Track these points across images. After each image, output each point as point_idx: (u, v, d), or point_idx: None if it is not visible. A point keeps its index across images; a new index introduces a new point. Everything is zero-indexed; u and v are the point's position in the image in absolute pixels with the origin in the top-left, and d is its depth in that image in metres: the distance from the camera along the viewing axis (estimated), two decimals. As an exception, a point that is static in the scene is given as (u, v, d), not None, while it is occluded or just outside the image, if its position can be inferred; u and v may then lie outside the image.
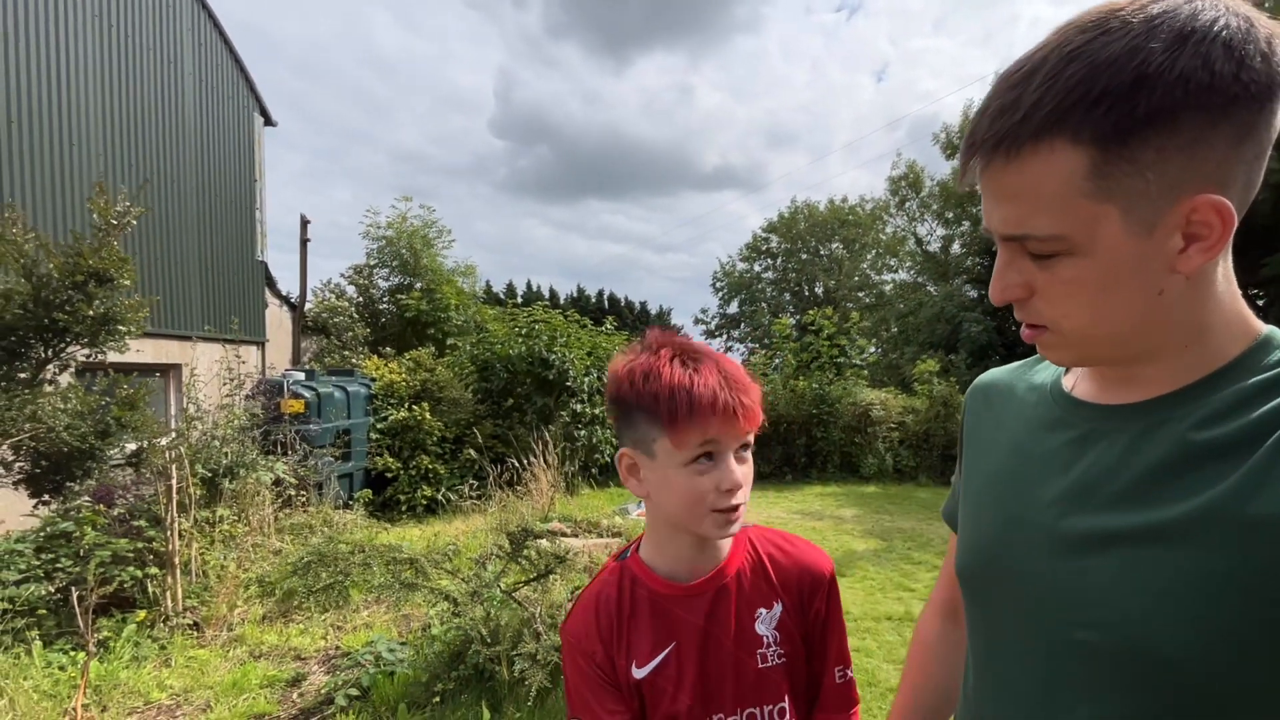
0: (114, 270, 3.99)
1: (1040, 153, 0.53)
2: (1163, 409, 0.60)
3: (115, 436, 4.38)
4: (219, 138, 11.02)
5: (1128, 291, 0.55)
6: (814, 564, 1.00)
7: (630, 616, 0.95)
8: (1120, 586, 0.56)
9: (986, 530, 0.72)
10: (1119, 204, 0.52)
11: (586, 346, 10.27)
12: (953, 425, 10.77)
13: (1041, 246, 0.56)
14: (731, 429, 0.87)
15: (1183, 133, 0.50)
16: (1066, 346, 0.62)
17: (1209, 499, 0.53)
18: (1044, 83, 0.52)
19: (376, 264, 15.23)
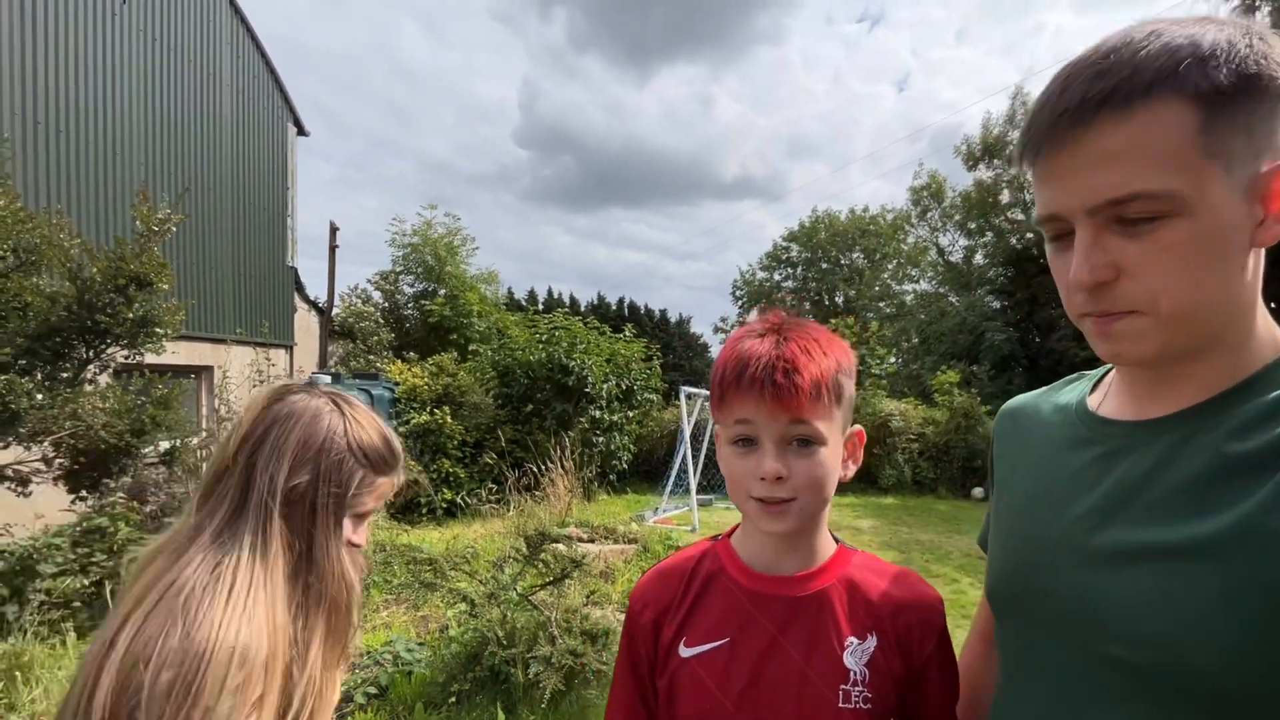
0: (153, 275, 4.16)
1: (1153, 107, 0.52)
2: (1192, 421, 0.59)
3: (150, 435, 4.54)
4: (254, 147, 11.37)
5: (1227, 258, 0.54)
6: (924, 602, 0.87)
7: (699, 592, 0.88)
8: (1153, 601, 0.56)
9: (1016, 549, 0.72)
10: (1222, 162, 0.52)
11: (605, 353, 10.34)
12: (974, 437, 10.63)
13: (1148, 207, 0.53)
14: (765, 410, 0.78)
15: (1267, 101, 0.52)
16: (1154, 333, 0.57)
17: (1240, 513, 0.52)
18: (1139, 48, 0.53)
19: (402, 270, 15.53)
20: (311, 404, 0.96)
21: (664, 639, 0.87)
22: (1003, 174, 20.92)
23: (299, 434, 0.93)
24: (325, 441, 0.94)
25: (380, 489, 0.98)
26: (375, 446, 0.97)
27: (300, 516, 0.92)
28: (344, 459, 0.94)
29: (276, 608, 0.86)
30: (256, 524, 0.90)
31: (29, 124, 7.24)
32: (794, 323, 0.86)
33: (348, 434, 0.95)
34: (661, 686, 0.87)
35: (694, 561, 0.92)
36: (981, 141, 21.16)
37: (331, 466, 0.93)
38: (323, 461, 0.93)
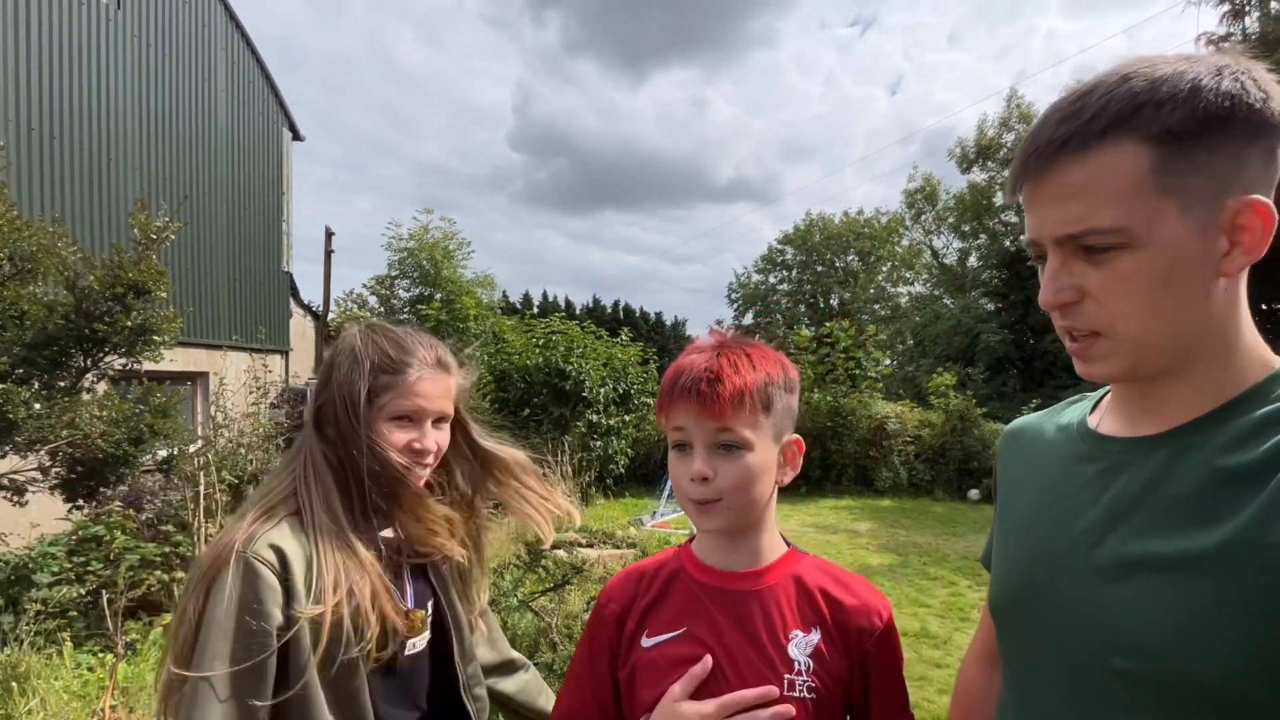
0: (151, 283, 4.14)
1: (1108, 149, 0.57)
2: (1187, 436, 0.61)
3: (148, 444, 4.52)
4: (249, 153, 11.35)
5: (1181, 289, 0.58)
6: (868, 603, 0.92)
7: (662, 589, 0.96)
8: (1154, 613, 0.57)
9: (1019, 564, 0.74)
10: (1178, 199, 0.56)
11: (603, 357, 10.34)
12: (969, 440, 10.67)
13: (1104, 239, 0.58)
14: (694, 415, 0.87)
15: (1230, 141, 0.56)
16: (1118, 354, 0.62)
17: (1236, 526, 0.54)
18: (1107, 92, 0.58)
19: (398, 275, 15.48)
20: (344, 335, 1.10)
21: (626, 631, 0.95)
22: (996, 176, 21.03)
23: (326, 361, 1.09)
24: (338, 358, 1.07)
25: (404, 387, 1.05)
26: (382, 349, 1.06)
27: (332, 431, 1.05)
28: (352, 368, 1.04)
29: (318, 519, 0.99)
30: (299, 448, 1.07)
31: (23, 130, 7.21)
32: (735, 340, 0.94)
33: (357, 347, 1.06)
34: (623, 678, 0.94)
35: (658, 563, 1.01)
36: (976, 144, 21.26)
37: (342, 379, 1.04)
38: (334, 376, 1.06)
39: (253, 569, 0.92)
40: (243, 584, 0.91)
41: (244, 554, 0.93)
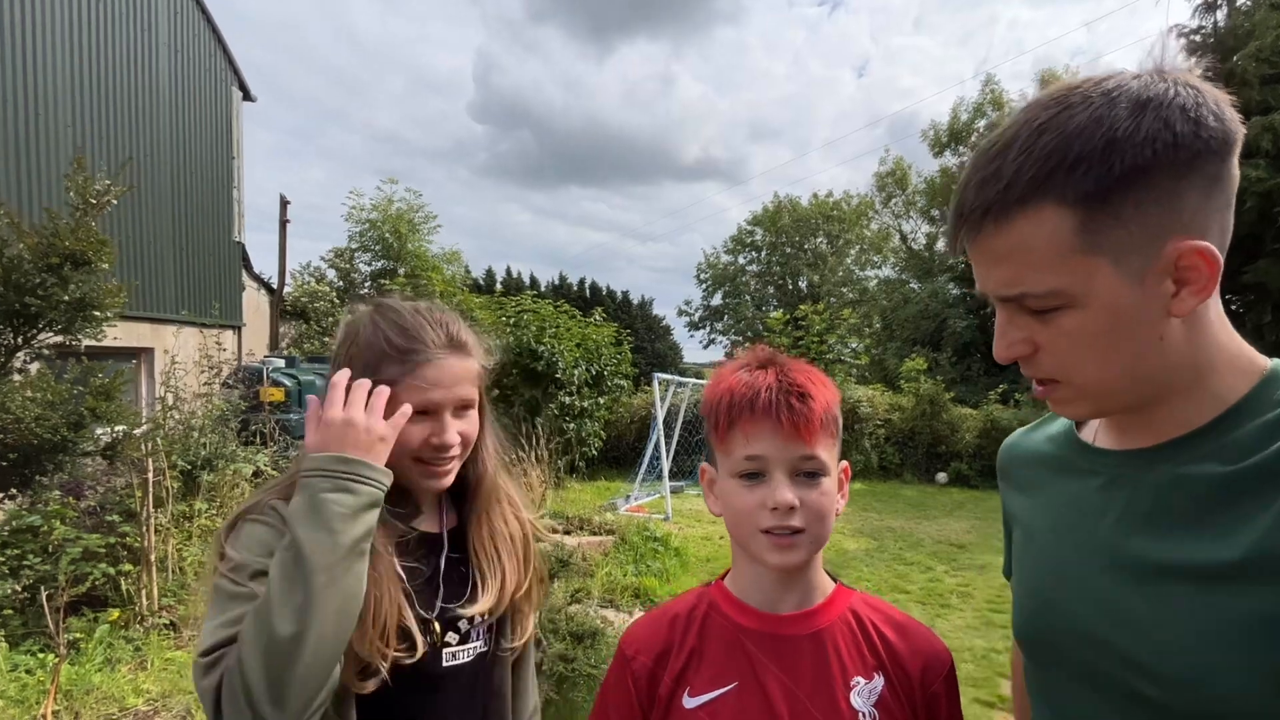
0: (91, 252, 3.74)
1: (1029, 216, 0.56)
2: (1179, 452, 0.61)
3: (88, 428, 4.14)
4: (195, 111, 10.57)
5: (1129, 337, 0.57)
6: (931, 644, 0.87)
7: (698, 639, 0.86)
8: (1175, 633, 0.57)
9: (1037, 589, 0.73)
10: (1109, 256, 0.55)
11: (576, 338, 10.12)
12: (938, 424, 10.88)
13: (1040, 303, 0.58)
14: (777, 439, 0.79)
15: (1156, 187, 0.54)
16: (1081, 399, 0.63)
17: (1250, 541, 0.53)
18: (1020, 153, 0.56)
19: (359, 248, 14.85)
20: (349, 320, 1.02)
21: (662, 689, 0.85)
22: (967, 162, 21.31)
23: (335, 350, 1.01)
24: (341, 349, 0.98)
25: (412, 377, 0.95)
26: (385, 335, 0.96)
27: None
28: (354, 360, 0.95)
29: None
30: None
31: (-63, 78, 6.50)
32: (785, 358, 0.87)
33: (361, 334, 0.97)
34: None
35: (690, 605, 0.90)
36: (949, 128, 21.49)
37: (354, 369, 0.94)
38: (339, 365, 0.96)
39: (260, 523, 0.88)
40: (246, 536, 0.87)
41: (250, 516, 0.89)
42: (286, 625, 0.74)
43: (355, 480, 0.83)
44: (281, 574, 0.77)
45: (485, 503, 1.07)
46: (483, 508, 1.07)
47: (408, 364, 0.94)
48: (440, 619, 0.98)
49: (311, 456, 0.84)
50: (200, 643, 0.79)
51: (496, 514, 1.08)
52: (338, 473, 0.82)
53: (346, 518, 0.80)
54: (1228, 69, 8.98)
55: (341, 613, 0.78)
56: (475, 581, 1.04)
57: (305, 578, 0.76)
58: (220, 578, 0.84)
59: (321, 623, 0.76)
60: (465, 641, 1.01)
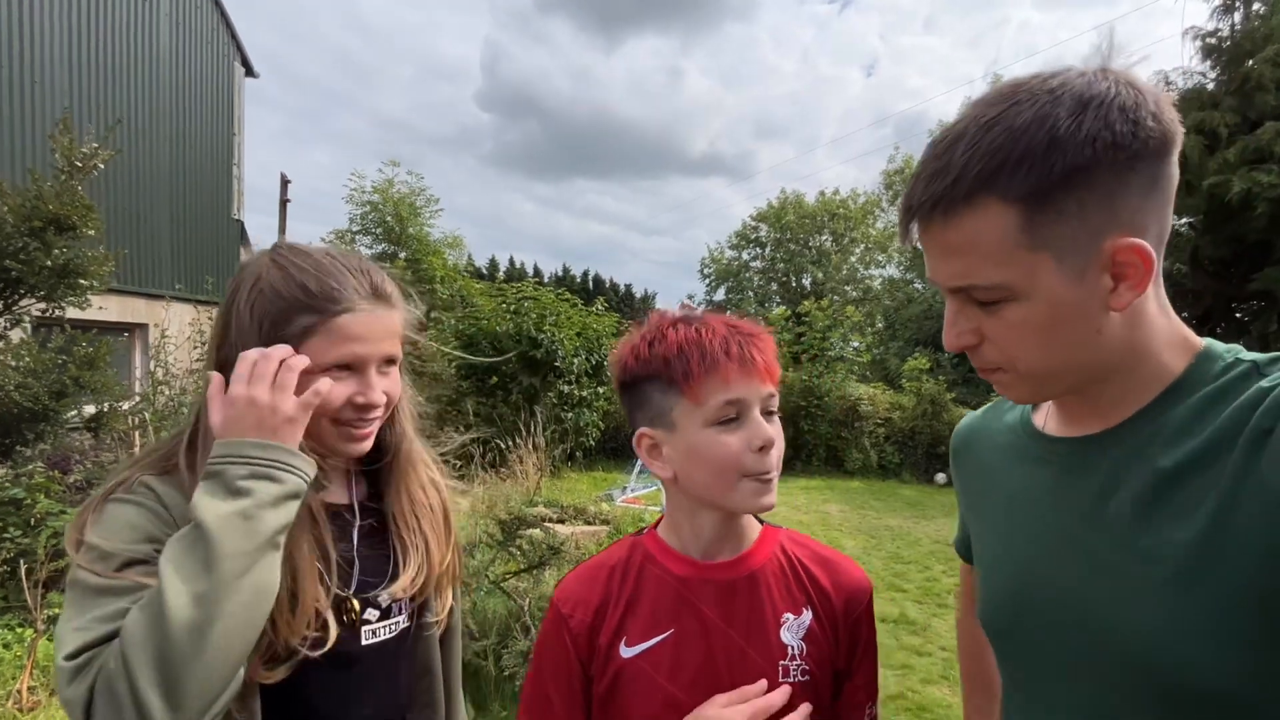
0: (76, 218, 3.62)
1: (975, 211, 0.58)
2: (1126, 436, 0.63)
3: (72, 398, 4.03)
4: (196, 85, 10.42)
5: (1070, 330, 0.60)
6: (856, 579, 0.91)
7: (633, 589, 0.87)
8: (1140, 616, 0.58)
9: (998, 576, 0.75)
10: (1052, 252, 0.57)
11: (576, 326, 10.02)
12: (939, 424, 10.79)
13: (987, 294, 0.60)
14: (750, 381, 0.81)
15: (1098, 186, 0.55)
16: (1021, 383, 0.65)
17: (1205, 520, 0.55)
18: (968, 149, 0.58)
19: (360, 230, 14.72)
20: (245, 266, 0.87)
21: (600, 642, 0.85)
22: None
23: (225, 302, 0.87)
24: (239, 298, 0.84)
25: (334, 329, 0.83)
26: (296, 281, 0.83)
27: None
28: (259, 310, 0.82)
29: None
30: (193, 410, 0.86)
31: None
32: (699, 313, 0.89)
33: (263, 281, 0.83)
34: (599, 692, 0.85)
35: (623, 557, 0.91)
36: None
37: (246, 327, 0.82)
38: (234, 322, 0.84)
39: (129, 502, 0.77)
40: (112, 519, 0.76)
41: (116, 494, 0.78)
42: (186, 615, 0.65)
43: (277, 468, 0.74)
44: (181, 560, 0.68)
45: (403, 471, 0.99)
46: (401, 476, 0.99)
47: (326, 313, 0.82)
48: (359, 596, 0.90)
49: (223, 441, 0.75)
50: (60, 645, 0.68)
51: (415, 483, 1.00)
52: (255, 459, 0.73)
53: (265, 505, 0.71)
54: (1243, 73, 8.83)
55: (251, 607, 0.69)
56: (396, 557, 0.96)
57: (212, 564, 0.67)
58: (80, 570, 0.72)
59: (229, 615, 0.67)
60: (386, 617, 0.93)
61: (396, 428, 0.98)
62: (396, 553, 0.96)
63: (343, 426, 0.87)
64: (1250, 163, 8.44)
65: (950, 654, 4.26)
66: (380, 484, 0.99)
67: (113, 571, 0.71)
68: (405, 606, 0.96)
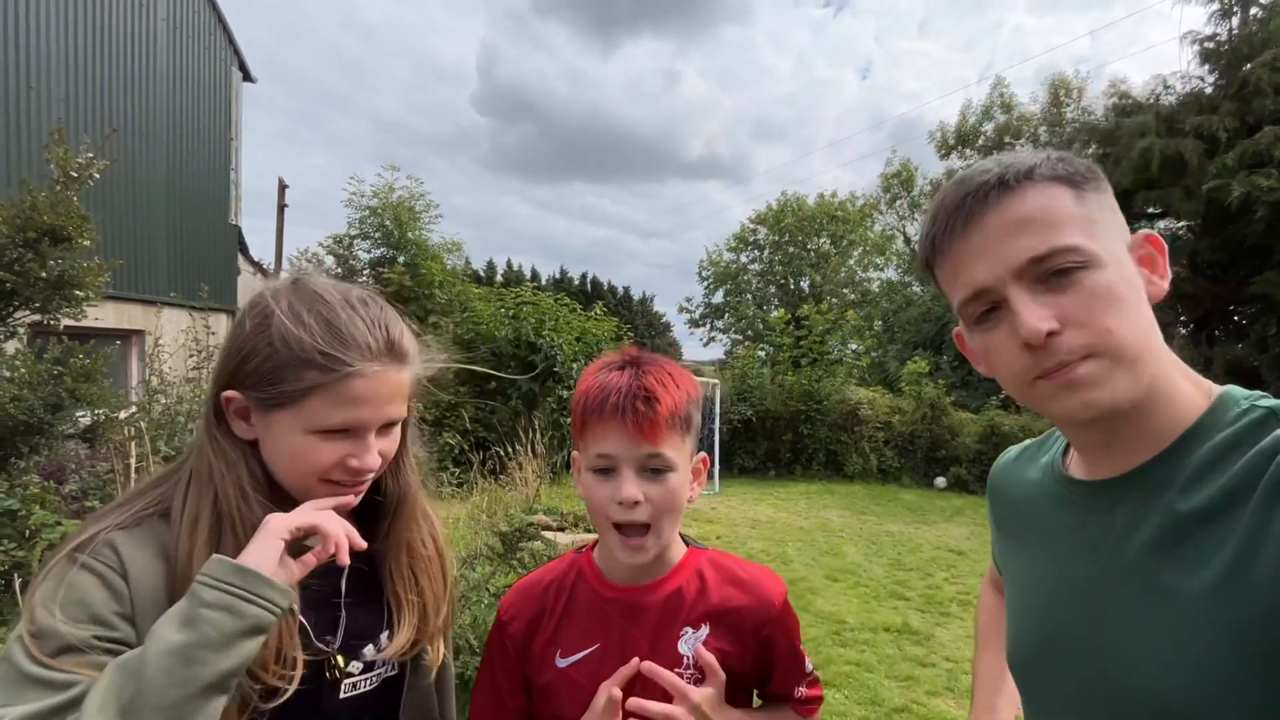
0: (72, 229, 3.58)
1: (1037, 185, 0.62)
2: (1145, 479, 0.63)
3: (68, 410, 3.98)
4: (193, 91, 10.37)
5: (1140, 305, 0.61)
6: (764, 595, 0.97)
7: (566, 605, 0.97)
8: (1158, 660, 0.58)
9: (1027, 623, 0.76)
10: (1101, 228, 0.62)
11: (575, 331, 9.99)
12: (938, 428, 10.77)
13: (1066, 259, 0.60)
14: (625, 438, 0.86)
15: (1106, 192, 0.65)
16: (1116, 371, 0.60)
17: (1222, 566, 0.55)
18: (1009, 159, 0.65)
19: (358, 234, 14.66)
20: (256, 302, 0.82)
21: (535, 648, 0.96)
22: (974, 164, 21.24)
23: (232, 335, 0.82)
24: (246, 330, 0.80)
25: (339, 392, 0.78)
26: (309, 332, 0.77)
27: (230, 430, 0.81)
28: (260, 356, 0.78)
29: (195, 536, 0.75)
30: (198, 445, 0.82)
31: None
32: (649, 357, 0.94)
33: (275, 326, 0.78)
34: (540, 685, 0.95)
35: (560, 575, 1.00)
36: (957, 130, 21.28)
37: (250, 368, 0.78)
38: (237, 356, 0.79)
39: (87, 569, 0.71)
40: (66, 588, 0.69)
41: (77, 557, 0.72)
42: None
43: (244, 598, 0.67)
44: (108, 695, 0.61)
45: (405, 524, 0.94)
46: (402, 529, 0.93)
47: (333, 374, 0.77)
48: (345, 652, 0.86)
49: (217, 557, 0.70)
50: None
51: (416, 536, 0.95)
52: (226, 584, 0.68)
53: (213, 646, 0.65)
54: (1241, 77, 8.84)
55: None
56: (391, 613, 0.91)
57: (131, 713, 0.61)
58: (17, 644, 0.65)
59: None
60: (370, 670, 0.89)
61: (400, 479, 0.94)
62: (391, 609, 0.91)
63: (331, 486, 0.82)
64: (1249, 167, 8.45)
65: (955, 665, 4.23)
66: (374, 526, 0.93)
67: (48, 655, 0.65)
68: (393, 661, 0.92)
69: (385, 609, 0.92)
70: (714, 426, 10.25)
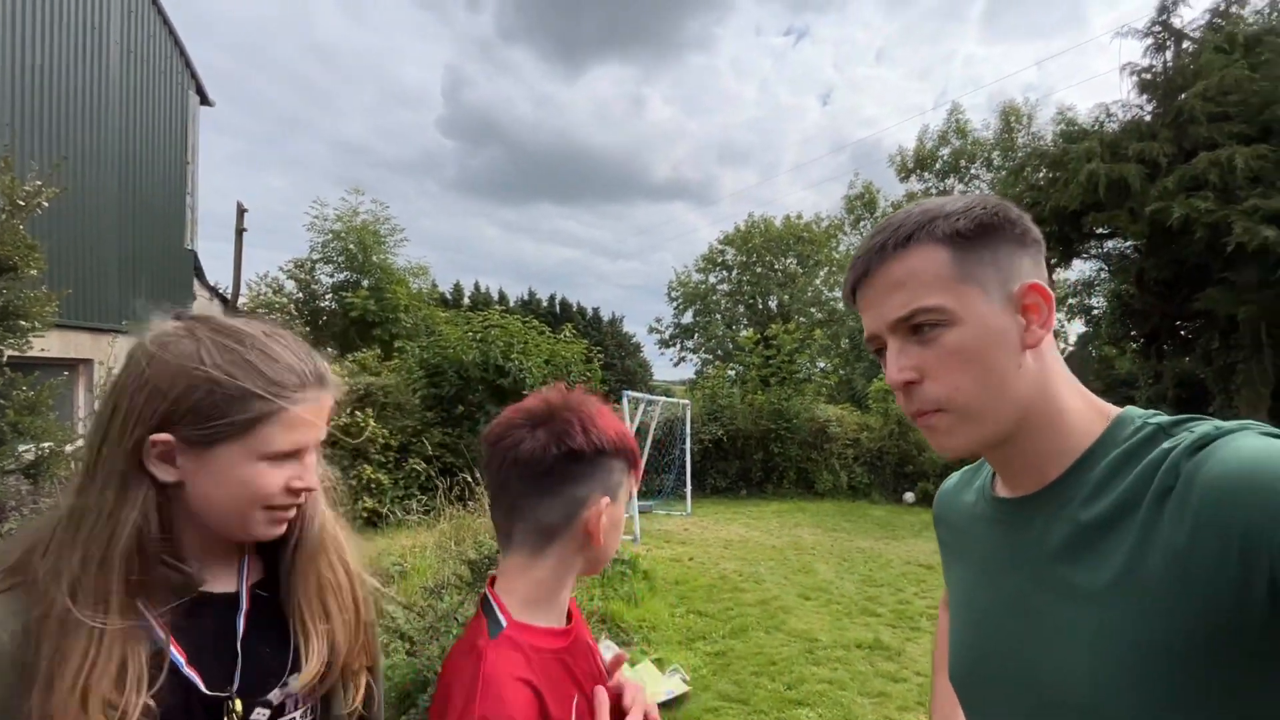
0: (18, 258, 3.45)
1: (914, 250, 0.69)
2: (1053, 495, 0.69)
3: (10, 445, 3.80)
4: (148, 114, 10.14)
5: (999, 357, 0.67)
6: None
7: (551, 688, 0.89)
8: (1067, 668, 0.63)
9: (963, 639, 0.81)
10: (979, 285, 0.67)
11: (545, 354, 9.93)
12: (906, 444, 10.94)
13: (929, 317, 0.68)
14: None
15: (1004, 242, 0.69)
16: (960, 425, 0.69)
17: (1113, 570, 0.61)
18: (908, 215, 0.72)
19: (320, 258, 14.42)
20: (151, 349, 0.79)
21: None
22: (933, 187, 22.03)
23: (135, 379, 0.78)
24: (166, 379, 0.77)
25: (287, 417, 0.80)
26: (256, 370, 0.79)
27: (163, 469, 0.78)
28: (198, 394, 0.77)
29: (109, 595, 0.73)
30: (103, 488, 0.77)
31: None
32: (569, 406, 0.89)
33: (208, 364, 0.78)
34: None
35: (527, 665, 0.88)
36: (915, 154, 22.03)
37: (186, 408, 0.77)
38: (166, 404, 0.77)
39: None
40: None
41: None
42: None
43: None
44: None
45: (314, 549, 0.91)
46: (311, 557, 0.91)
47: (281, 400, 0.79)
48: (244, 695, 0.82)
49: None
50: None
51: (325, 562, 0.92)
52: None
53: None
54: (1177, 106, 9.35)
55: None
56: (298, 646, 0.87)
57: None
58: None
59: None
60: (280, 714, 0.85)
61: (310, 505, 0.91)
62: (299, 640, 0.87)
63: (272, 511, 0.82)
64: (1188, 190, 8.89)
65: (926, 679, 4.25)
66: (279, 564, 0.90)
67: None
68: (303, 700, 0.88)
69: (293, 643, 0.88)
70: (685, 447, 10.24)
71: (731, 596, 5.85)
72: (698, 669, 4.35)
